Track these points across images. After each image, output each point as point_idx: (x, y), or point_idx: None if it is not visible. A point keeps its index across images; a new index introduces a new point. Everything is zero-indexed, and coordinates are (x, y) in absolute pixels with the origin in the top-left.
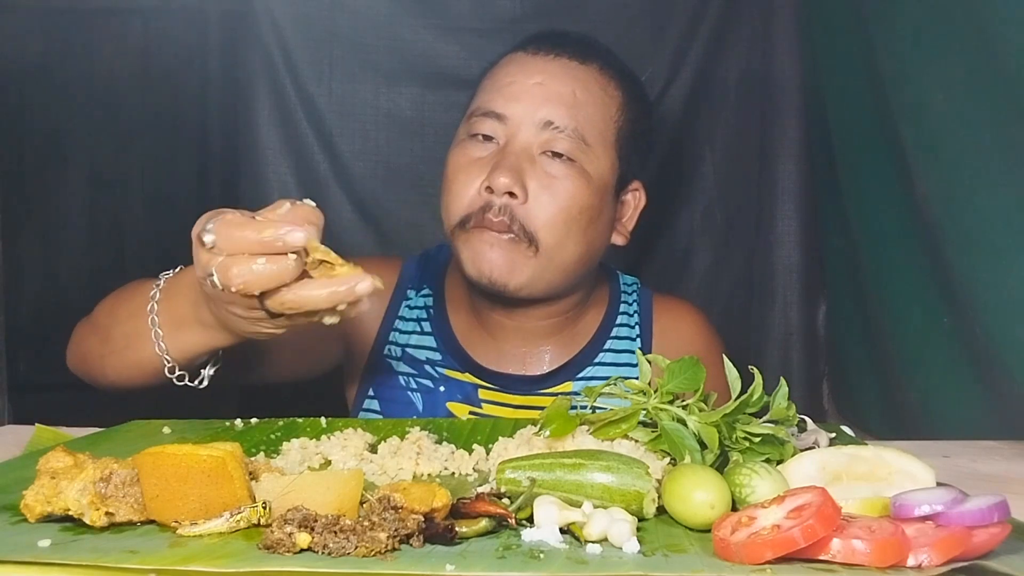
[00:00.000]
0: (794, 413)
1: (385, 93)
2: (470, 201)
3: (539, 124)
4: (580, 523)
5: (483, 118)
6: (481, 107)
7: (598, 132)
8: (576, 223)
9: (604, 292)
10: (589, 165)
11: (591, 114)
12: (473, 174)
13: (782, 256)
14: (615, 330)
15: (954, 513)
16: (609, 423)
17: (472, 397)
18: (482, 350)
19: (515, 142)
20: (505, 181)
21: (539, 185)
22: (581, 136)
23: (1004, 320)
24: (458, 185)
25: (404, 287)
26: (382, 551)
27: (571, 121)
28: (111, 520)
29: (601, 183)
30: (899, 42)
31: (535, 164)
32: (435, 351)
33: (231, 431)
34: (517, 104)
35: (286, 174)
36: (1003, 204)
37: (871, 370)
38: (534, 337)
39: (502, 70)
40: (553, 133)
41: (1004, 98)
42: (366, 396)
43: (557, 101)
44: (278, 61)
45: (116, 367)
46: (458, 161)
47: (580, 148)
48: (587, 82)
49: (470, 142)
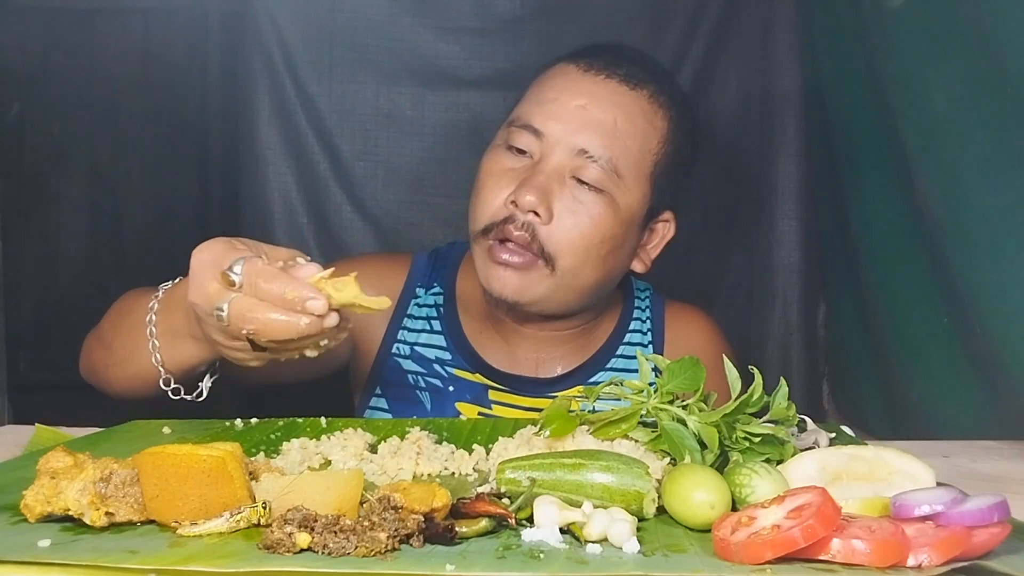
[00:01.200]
0: (794, 413)
1: (385, 93)
2: (495, 211)
3: (574, 149)
4: (580, 523)
5: (521, 130)
6: (521, 118)
7: (633, 164)
8: (597, 251)
9: (618, 298)
10: (619, 196)
11: (629, 145)
12: (503, 183)
13: (782, 256)
14: (628, 335)
15: (954, 513)
16: (609, 423)
17: (482, 398)
18: (493, 351)
19: (547, 161)
20: (531, 199)
21: (564, 209)
22: (614, 168)
23: (1004, 320)
24: (486, 192)
25: (413, 285)
26: (382, 551)
27: (606, 152)
28: (111, 520)
29: (629, 214)
30: (899, 42)
31: (564, 187)
32: (445, 350)
33: (231, 431)
34: (556, 124)
35: (286, 174)
36: (1003, 204)
37: (871, 370)
38: (547, 344)
39: (549, 82)
40: (586, 161)
41: (1004, 98)
42: (373, 394)
43: (596, 129)
44: (278, 61)
45: (119, 378)
46: (491, 168)
47: (612, 180)
48: (632, 111)
49: (505, 151)
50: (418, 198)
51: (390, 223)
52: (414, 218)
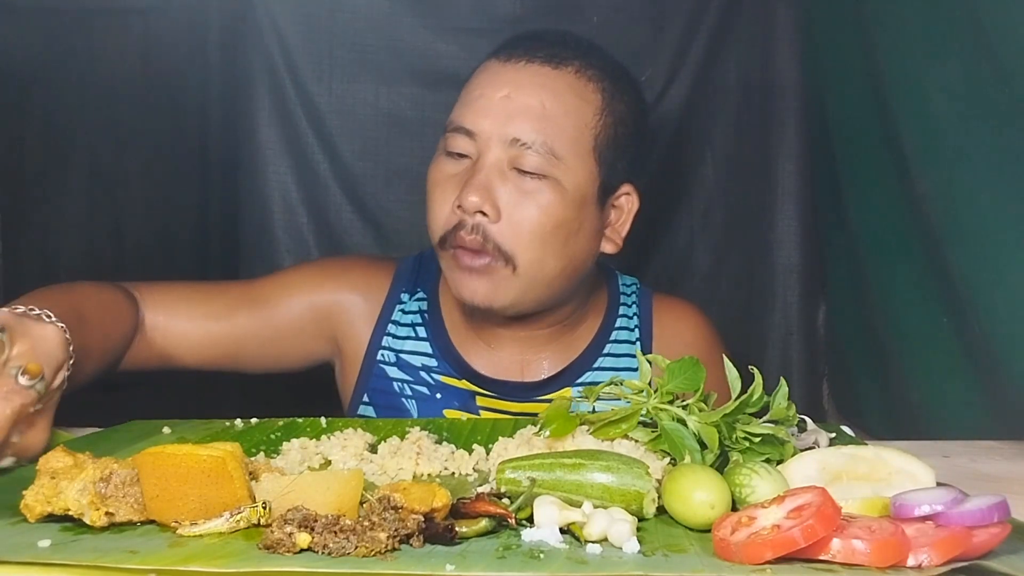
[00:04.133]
0: (794, 413)
1: (385, 93)
2: (446, 219)
3: (506, 140)
4: (580, 523)
5: (455, 134)
6: (453, 122)
7: (570, 143)
8: (553, 238)
9: (603, 294)
10: (563, 178)
11: (563, 125)
12: (448, 191)
13: (782, 256)
14: (614, 333)
15: (954, 513)
16: (609, 423)
17: (469, 405)
18: (478, 357)
19: (484, 159)
20: (474, 200)
21: (510, 203)
22: (551, 150)
23: (1004, 320)
24: (434, 203)
25: (398, 290)
26: (382, 551)
27: (539, 136)
28: (111, 520)
29: (578, 195)
30: (899, 41)
31: (506, 180)
32: (431, 357)
33: (231, 431)
34: (484, 119)
35: (286, 174)
36: (1003, 204)
37: (871, 370)
38: (531, 345)
39: (474, 81)
40: (521, 150)
41: (1004, 98)
42: (360, 402)
43: (524, 115)
44: (278, 61)
45: None
46: (434, 178)
47: (551, 163)
48: (558, 90)
49: (445, 158)
50: (418, 198)
51: (390, 223)
52: (414, 218)
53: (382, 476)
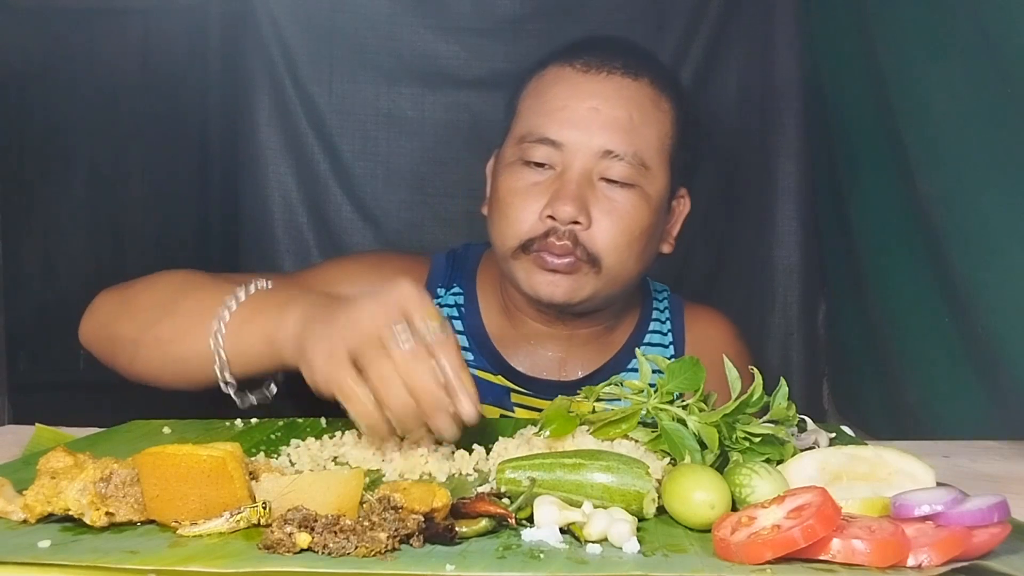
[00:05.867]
0: (794, 413)
1: (385, 93)
2: (531, 227)
3: (597, 152)
4: (580, 523)
5: (537, 144)
6: (534, 132)
7: (655, 153)
8: (638, 243)
9: (637, 299)
10: (649, 187)
11: (647, 136)
12: (531, 200)
13: (782, 256)
14: (648, 337)
15: (954, 513)
16: (609, 423)
17: (503, 400)
18: (515, 353)
19: (573, 169)
20: (569, 211)
21: (601, 211)
22: (641, 161)
23: (1004, 320)
24: (515, 210)
25: (433, 285)
26: (382, 551)
27: (630, 147)
28: (111, 520)
29: (659, 201)
30: (900, 42)
31: (595, 190)
32: (467, 351)
33: (231, 431)
34: (573, 131)
35: (286, 174)
36: (1003, 204)
37: (871, 370)
38: (572, 344)
39: (551, 91)
40: (611, 161)
41: (1004, 98)
42: None
43: (614, 128)
44: (278, 61)
45: (151, 359)
46: (514, 186)
47: (639, 172)
48: (641, 102)
49: (523, 167)
50: (418, 198)
51: (390, 223)
52: (414, 218)
53: (396, 476)
